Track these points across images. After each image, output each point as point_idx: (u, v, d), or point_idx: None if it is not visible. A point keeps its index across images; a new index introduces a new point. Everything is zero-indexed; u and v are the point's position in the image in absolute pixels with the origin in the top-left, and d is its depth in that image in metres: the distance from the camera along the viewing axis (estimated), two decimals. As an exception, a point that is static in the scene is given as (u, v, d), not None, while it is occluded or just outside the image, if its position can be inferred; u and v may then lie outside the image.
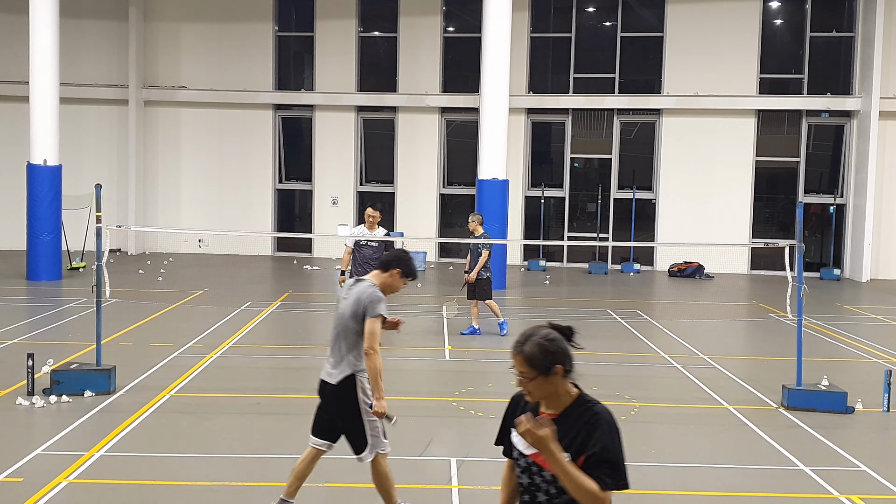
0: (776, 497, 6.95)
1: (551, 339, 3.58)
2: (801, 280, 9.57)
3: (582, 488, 3.18)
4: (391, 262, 6.05)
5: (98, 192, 9.67)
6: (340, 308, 5.98)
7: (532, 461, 3.39)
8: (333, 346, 6.01)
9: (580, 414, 3.36)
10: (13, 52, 23.18)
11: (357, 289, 5.96)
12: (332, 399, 5.97)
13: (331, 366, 6.01)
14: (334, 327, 6.02)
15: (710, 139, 23.55)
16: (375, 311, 5.81)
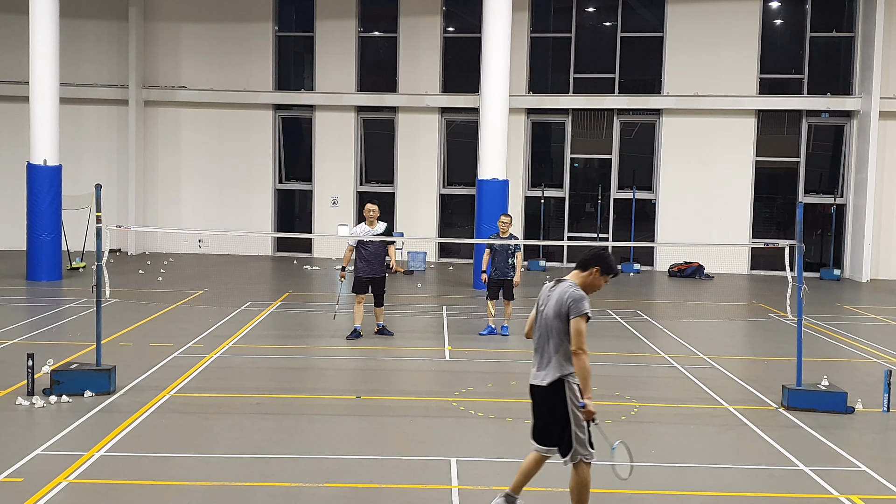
0: (776, 497, 6.95)
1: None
2: (801, 280, 9.57)
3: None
4: (590, 261, 5.96)
5: (98, 192, 9.67)
6: (543, 310, 5.95)
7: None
8: (538, 348, 5.97)
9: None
10: (13, 52, 23.18)
11: (558, 289, 5.92)
12: (543, 401, 5.94)
13: (537, 368, 5.96)
14: (537, 329, 5.99)
15: (710, 139, 23.55)
16: (580, 310, 5.75)
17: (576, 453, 5.87)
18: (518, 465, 7.47)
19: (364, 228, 12.65)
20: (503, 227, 13.30)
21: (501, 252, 13.20)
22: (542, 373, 5.92)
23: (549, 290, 6.02)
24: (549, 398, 5.89)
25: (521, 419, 8.85)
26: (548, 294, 6.01)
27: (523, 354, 12.39)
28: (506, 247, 13.13)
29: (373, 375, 10.93)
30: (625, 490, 6.91)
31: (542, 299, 6.05)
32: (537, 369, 5.97)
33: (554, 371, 5.86)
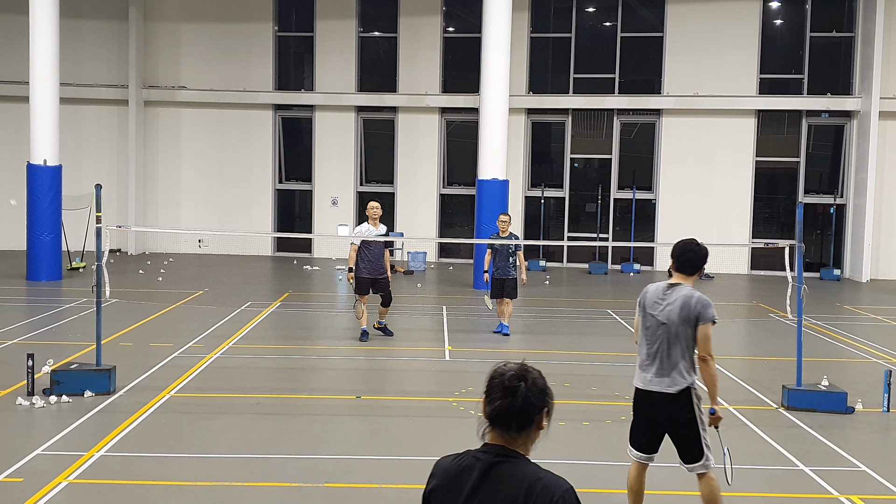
0: (776, 497, 6.95)
1: None
2: (801, 280, 9.57)
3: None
4: (699, 263, 5.93)
5: (98, 192, 9.67)
6: (661, 315, 5.74)
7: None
8: (656, 353, 5.75)
9: None
10: (13, 52, 23.18)
11: (680, 294, 5.75)
12: (663, 409, 5.77)
13: (656, 374, 5.75)
14: (651, 335, 5.78)
15: (710, 139, 23.55)
16: (710, 316, 5.69)
17: (707, 460, 5.80)
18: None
19: (368, 228, 12.54)
20: (503, 226, 13.34)
21: (502, 251, 13.23)
22: (665, 379, 5.73)
23: (663, 294, 5.79)
24: (672, 406, 5.74)
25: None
26: (661, 298, 5.79)
27: (523, 354, 12.38)
28: (506, 246, 13.15)
29: (373, 375, 10.94)
30: (625, 490, 6.91)
31: (649, 304, 5.83)
32: (656, 375, 5.75)
33: (681, 378, 5.72)
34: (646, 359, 5.82)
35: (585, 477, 7.24)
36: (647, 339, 5.82)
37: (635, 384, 5.88)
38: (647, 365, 5.81)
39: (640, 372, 5.84)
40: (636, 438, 5.96)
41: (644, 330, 5.85)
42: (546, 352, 12.39)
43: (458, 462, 2.74)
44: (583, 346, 12.93)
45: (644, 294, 5.91)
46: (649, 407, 5.84)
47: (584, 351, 12.44)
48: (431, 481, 2.78)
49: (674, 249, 5.98)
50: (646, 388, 5.81)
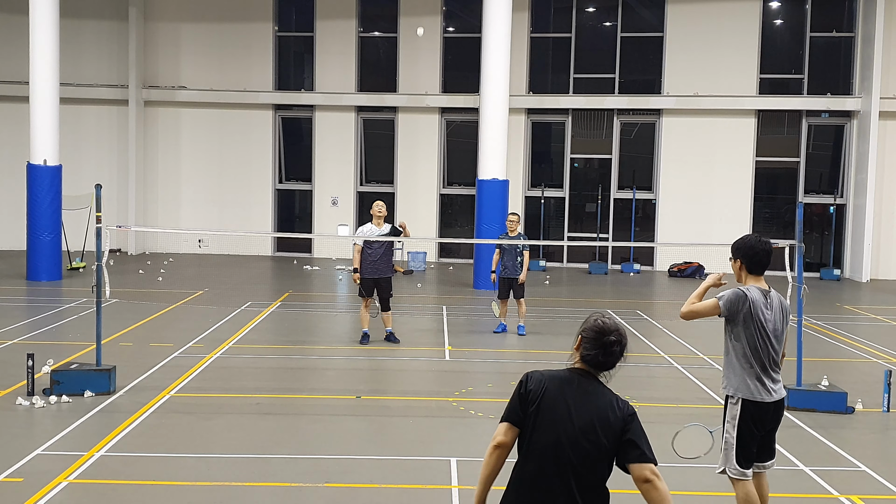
0: (776, 497, 6.94)
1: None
2: (801, 280, 9.57)
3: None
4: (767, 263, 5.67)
5: (98, 192, 9.67)
6: (772, 325, 5.57)
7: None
8: (773, 364, 5.60)
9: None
10: (13, 52, 23.18)
11: (776, 300, 5.62)
12: (778, 416, 5.67)
13: (773, 382, 5.60)
14: (767, 346, 5.56)
15: (710, 139, 23.55)
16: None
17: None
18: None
19: (370, 228, 12.41)
20: (511, 225, 13.36)
21: (510, 251, 13.27)
22: (781, 384, 5.65)
23: (766, 303, 5.59)
24: (780, 410, 5.68)
25: (521, 419, 8.85)
26: (766, 306, 5.58)
27: (523, 354, 12.41)
28: (514, 246, 13.18)
29: (373, 375, 10.93)
30: (625, 490, 6.90)
31: (760, 309, 5.56)
32: (777, 384, 5.60)
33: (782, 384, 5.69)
34: (763, 371, 5.56)
35: (585, 477, 7.23)
36: (758, 348, 5.55)
37: (752, 398, 5.54)
38: (764, 376, 5.57)
39: (759, 385, 5.55)
40: (750, 455, 5.64)
41: (751, 339, 5.55)
42: (546, 352, 12.38)
43: (559, 374, 3.71)
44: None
45: (748, 301, 5.54)
46: (770, 416, 5.62)
47: (584, 351, 12.41)
48: (537, 383, 3.66)
49: (741, 249, 5.68)
50: (766, 399, 5.56)
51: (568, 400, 3.60)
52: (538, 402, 3.61)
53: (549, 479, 3.57)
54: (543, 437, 3.59)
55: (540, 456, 3.59)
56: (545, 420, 3.59)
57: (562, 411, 3.57)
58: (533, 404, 3.62)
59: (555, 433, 3.57)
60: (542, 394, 3.62)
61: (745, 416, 5.55)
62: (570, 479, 3.56)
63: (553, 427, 3.58)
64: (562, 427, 3.57)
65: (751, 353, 5.54)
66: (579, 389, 3.64)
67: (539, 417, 3.59)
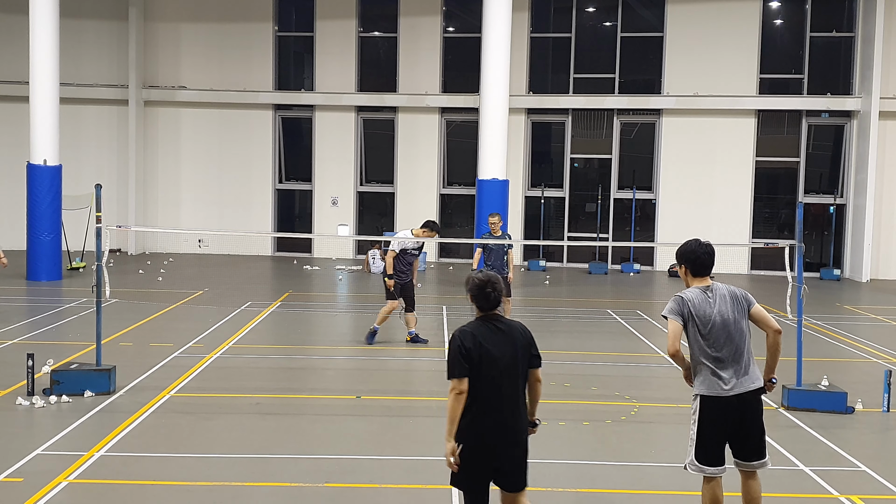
0: (776, 497, 6.94)
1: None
2: (801, 280, 9.58)
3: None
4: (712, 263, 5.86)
5: (98, 192, 9.67)
6: (720, 317, 5.60)
7: None
8: (729, 357, 5.58)
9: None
10: (13, 52, 23.19)
11: (722, 292, 5.67)
12: (748, 411, 5.59)
13: (738, 375, 5.57)
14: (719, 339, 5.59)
15: (710, 139, 23.55)
16: (752, 297, 5.74)
17: (768, 457, 5.75)
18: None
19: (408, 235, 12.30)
20: (494, 226, 13.53)
21: (497, 251, 13.36)
22: (745, 378, 5.57)
23: (707, 298, 5.67)
24: (753, 405, 5.62)
25: (521, 419, 8.86)
26: (706, 302, 5.65)
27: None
28: (501, 245, 13.26)
29: (373, 375, 10.93)
30: (625, 490, 6.92)
31: (699, 309, 5.65)
32: (739, 377, 5.57)
33: (755, 378, 5.62)
34: (717, 364, 5.59)
35: (586, 477, 7.24)
36: (714, 344, 5.61)
37: (709, 393, 5.59)
38: (721, 370, 5.59)
39: (714, 380, 5.58)
40: (712, 453, 5.63)
41: (700, 338, 5.64)
42: (546, 352, 12.27)
43: (477, 326, 5.03)
44: (583, 346, 12.93)
45: (686, 303, 5.70)
46: (729, 411, 5.59)
47: (584, 351, 12.44)
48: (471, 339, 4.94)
49: (684, 254, 5.84)
50: (735, 391, 5.56)
51: (493, 342, 4.95)
52: (479, 351, 4.89)
53: (496, 399, 4.94)
54: (488, 372, 4.90)
55: (488, 386, 4.91)
56: (486, 361, 4.90)
57: (494, 351, 4.92)
58: (476, 355, 4.88)
59: (496, 368, 4.92)
60: (478, 345, 4.91)
61: (703, 411, 5.60)
62: (509, 394, 4.98)
63: (492, 364, 4.91)
64: (501, 361, 4.94)
65: (699, 350, 5.64)
66: (494, 330, 5.00)
67: (482, 362, 4.89)
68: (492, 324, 5.02)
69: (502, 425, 4.96)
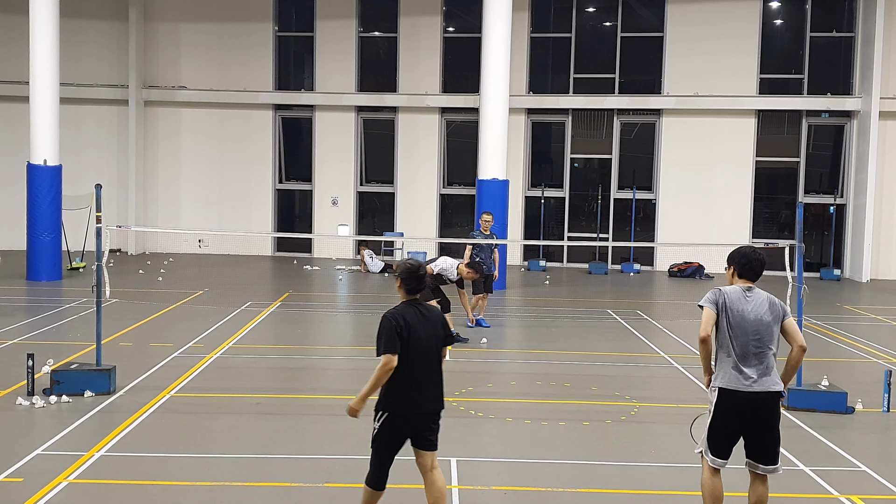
0: (776, 497, 6.94)
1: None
2: (801, 280, 9.57)
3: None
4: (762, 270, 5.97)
5: (98, 192, 9.66)
6: (753, 315, 5.68)
7: None
8: (753, 354, 5.65)
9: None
10: (13, 52, 23.19)
11: (761, 296, 5.78)
12: (764, 411, 5.66)
13: (758, 374, 5.64)
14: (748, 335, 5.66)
15: (710, 139, 23.55)
16: (789, 311, 5.87)
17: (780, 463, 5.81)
18: (518, 465, 7.49)
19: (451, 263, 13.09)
20: (486, 225, 14.03)
21: (487, 248, 13.67)
22: (767, 379, 5.65)
23: (744, 296, 5.76)
24: (770, 406, 5.68)
25: (521, 419, 8.86)
26: (743, 298, 5.75)
27: (523, 354, 12.42)
28: (490, 243, 13.70)
29: (373, 375, 10.92)
30: (625, 490, 6.92)
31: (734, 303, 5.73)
32: (760, 376, 5.64)
33: (776, 379, 5.70)
34: (741, 361, 5.67)
35: (585, 477, 7.24)
36: (740, 340, 5.69)
37: (728, 386, 5.67)
38: (744, 367, 5.66)
39: (735, 374, 5.66)
40: (722, 445, 5.76)
41: (730, 331, 5.71)
42: (546, 352, 12.39)
43: (405, 308, 5.66)
44: (583, 346, 12.92)
45: (723, 294, 5.78)
46: (746, 408, 5.67)
47: (584, 351, 12.44)
48: (402, 319, 5.56)
49: (735, 256, 5.95)
50: (752, 389, 5.64)
51: (420, 323, 5.61)
52: (409, 332, 5.55)
53: (421, 375, 5.66)
54: (416, 349, 5.58)
55: (413, 362, 5.58)
56: (414, 340, 5.55)
57: (421, 331, 5.59)
58: (406, 334, 5.54)
59: (422, 345, 5.61)
60: (408, 326, 5.55)
61: (720, 403, 5.71)
62: (430, 370, 5.74)
63: (418, 343, 5.58)
64: (424, 341, 5.62)
65: (728, 343, 5.71)
66: (420, 312, 5.66)
67: (411, 340, 5.55)
68: (417, 308, 5.67)
69: (425, 398, 5.77)
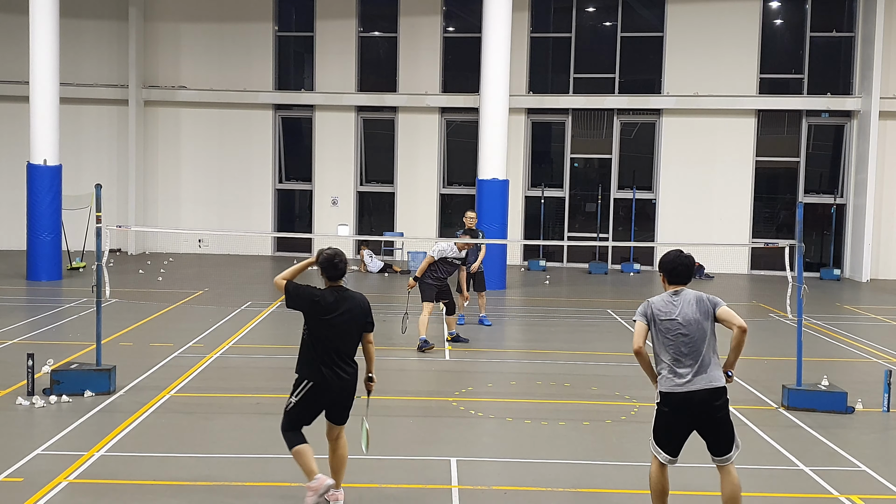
0: (776, 497, 6.95)
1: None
2: (801, 280, 9.58)
3: None
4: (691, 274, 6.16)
5: (98, 192, 9.67)
6: (681, 319, 5.88)
7: None
8: (687, 354, 5.84)
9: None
10: (13, 52, 23.18)
11: (688, 297, 5.96)
12: (702, 409, 5.83)
13: (695, 374, 5.82)
14: (678, 339, 5.87)
15: (710, 139, 23.55)
16: (719, 299, 5.96)
17: (737, 446, 5.94)
18: (518, 465, 7.49)
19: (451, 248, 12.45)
20: (471, 222, 14.15)
21: (473, 247, 13.86)
22: (703, 377, 5.80)
23: (671, 302, 5.98)
24: (714, 401, 5.85)
25: (521, 419, 8.87)
26: (670, 304, 5.96)
27: (523, 354, 12.42)
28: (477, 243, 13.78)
29: (373, 375, 10.92)
30: (625, 490, 6.92)
31: (661, 311, 5.96)
32: (695, 375, 5.82)
33: (716, 376, 5.85)
34: (675, 364, 5.87)
35: (585, 477, 7.24)
36: (673, 344, 5.89)
37: (665, 389, 5.89)
38: (679, 368, 5.86)
39: (670, 377, 5.87)
40: (666, 442, 5.96)
41: (662, 338, 5.93)
42: (546, 352, 12.39)
43: (326, 292, 6.28)
44: (583, 346, 12.93)
45: (650, 306, 6.03)
46: (687, 408, 5.85)
47: (584, 351, 12.44)
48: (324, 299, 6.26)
49: (663, 263, 6.17)
50: (675, 389, 5.85)
51: (339, 307, 6.18)
52: (326, 310, 6.17)
53: (335, 353, 6.20)
54: (329, 330, 6.10)
55: (326, 342, 6.13)
56: (331, 320, 6.10)
57: (337, 314, 6.16)
58: (325, 314, 6.16)
59: (334, 327, 6.11)
60: (328, 306, 6.14)
61: (660, 405, 5.95)
62: (345, 350, 6.28)
63: (330, 324, 6.12)
64: (344, 324, 6.18)
65: (660, 349, 5.95)
66: (340, 297, 6.21)
67: (328, 321, 6.13)
68: (338, 292, 6.20)
69: (338, 375, 6.27)
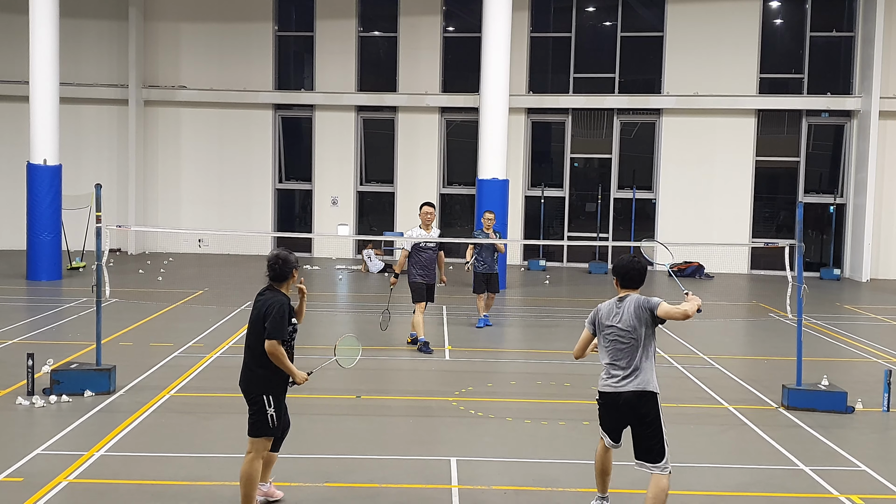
0: (776, 497, 6.95)
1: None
2: (801, 280, 9.58)
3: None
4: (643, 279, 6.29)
5: (98, 192, 9.67)
6: (619, 324, 6.07)
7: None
8: (618, 359, 6.07)
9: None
10: (13, 52, 23.18)
11: (630, 302, 6.08)
12: (629, 408, 6.05)
13: (622, 377, 6.06)
14: (613, 344, 6.10)
15: (709, 139, 23.55)
16: (656, 300, 6.05)
17: (667, 459, 6.02)
18: (518, 465, 7.50)
19: (421, 233, 12.22)
20: (488, 223, 13.98)
21: (489, 247, 13.66)
22: (633, 380, 6.04)
23: (615, 308, 6.14)
24: (641, 406, 6.03)
25: (521, 419, 8.87)
26: (613, 311, 6.14)
27: (523, 354, 12.42)
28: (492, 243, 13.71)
29: (373, 375, 10.93)
30: (625, 490, 6.92)
31: (605, 317, 6.17)
32: (625, 377, 6.05)
33: (647, 381, 6.05)
34: (609, 367, 6.15)
35: (585, 476, 7.23)
36: (610, 348, 6.13)
37: (599, 387, 6.21)
38: (611, 371, 6.14)
39: (605, 377, 6.17)
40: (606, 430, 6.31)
41: (603, 341, 6.18)
42: (546, 352, 12.39)
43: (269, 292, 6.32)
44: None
45: (597, 312, 6.25)
46: (614, 407, 6.14)
47: (584, 351, 12.43)
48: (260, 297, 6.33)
49: (615, 269, 6.31)
50: (604, 390, 6.16)
51: (254, 307, 6.27)
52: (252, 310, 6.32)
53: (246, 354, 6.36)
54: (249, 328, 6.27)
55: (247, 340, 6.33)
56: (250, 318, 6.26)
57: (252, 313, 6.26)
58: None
59: (248, 325, 6.24)
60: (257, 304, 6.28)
61: (599, 400, 6.27)
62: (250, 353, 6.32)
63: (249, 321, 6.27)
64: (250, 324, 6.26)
65: (601, 352, 6.24)
66: (259, 298, 6.27)
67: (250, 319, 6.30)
68: (263, 294, 6.31)
69: (243, 372, 6.46)
